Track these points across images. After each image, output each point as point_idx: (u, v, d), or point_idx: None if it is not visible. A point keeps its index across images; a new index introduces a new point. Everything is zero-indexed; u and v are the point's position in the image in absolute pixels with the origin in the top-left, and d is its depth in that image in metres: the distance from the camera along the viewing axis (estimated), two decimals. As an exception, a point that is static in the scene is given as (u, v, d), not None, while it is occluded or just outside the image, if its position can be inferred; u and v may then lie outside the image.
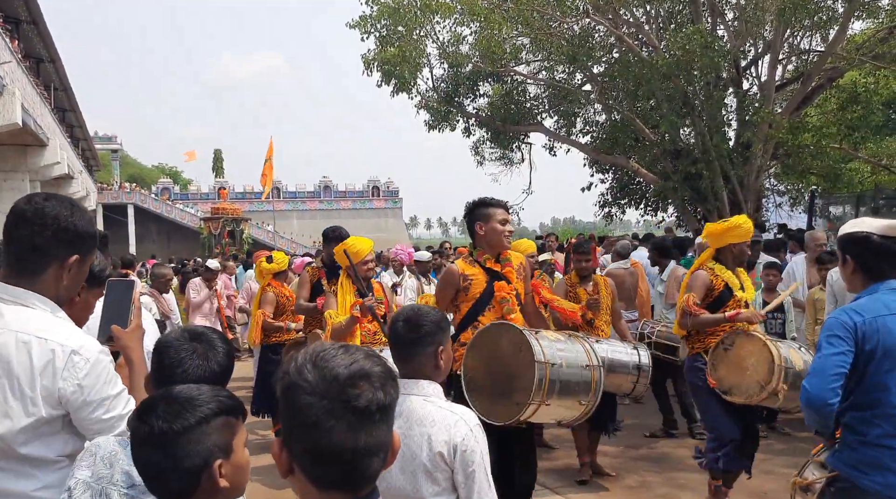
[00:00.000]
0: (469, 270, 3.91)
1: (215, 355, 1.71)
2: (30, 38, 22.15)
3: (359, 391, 1.08)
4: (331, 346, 1.15)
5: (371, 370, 1.11)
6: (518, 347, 3.36)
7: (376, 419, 1.09)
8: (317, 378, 1.08)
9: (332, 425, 1.06)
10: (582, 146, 17.52)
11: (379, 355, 1.17)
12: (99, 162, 53.07)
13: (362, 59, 15.47)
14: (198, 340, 1.71)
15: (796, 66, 15.40)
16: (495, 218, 3.86)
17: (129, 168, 67.95)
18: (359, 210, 57.23)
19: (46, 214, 1.75)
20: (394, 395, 1.12)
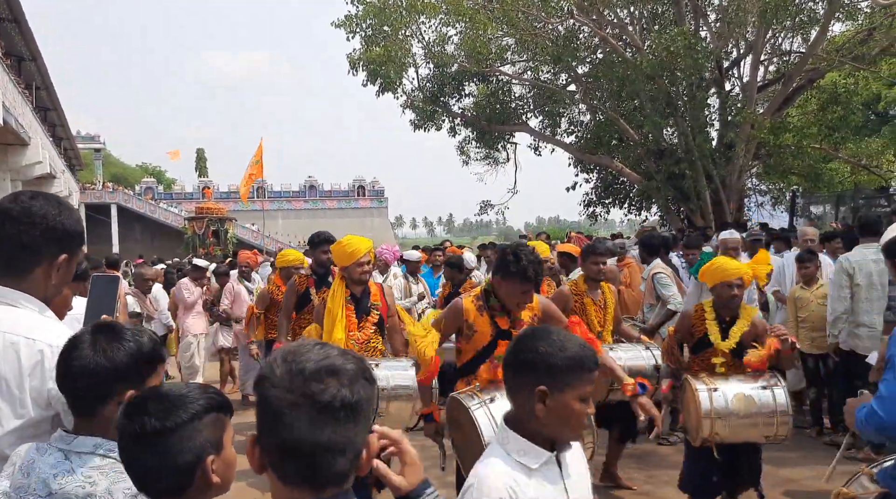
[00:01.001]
0: (476, 317, 3.54)
1: (111, 350, 1.58)
2: (11, 36, 21.90)
3: (323, 386, 1.07)
4: (310, 342, 1.15)
5: (341, 367, 1.09)
6: (470, 422, 3.09)
7: (341, 416, 1.07)
8: (283, 372, 1.08)
9: (293, 418, 1.06)
10: (567, 146, 17.62)
11: (356, 355, 1.15)
12: (81, 161, 52.51)
13: (348, 58, 15.47)
14: (102, 333, 1.62)
15: (778, 67, 15.59)
16: (516, 282, 3.42)
17: (112, 167, 67.30)
18: (344, 210, 57.06)
19: (34, 213, 1.73)
20: (363, 394, 1.10)
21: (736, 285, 3.96)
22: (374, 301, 4.43)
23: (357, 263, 4.31)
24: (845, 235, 6.44)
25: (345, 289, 4.34)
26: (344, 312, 4.28)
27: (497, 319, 3.53)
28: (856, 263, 5.52)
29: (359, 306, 4.36)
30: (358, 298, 4.36)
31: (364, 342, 4.31)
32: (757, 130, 13.35)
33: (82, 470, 1.53)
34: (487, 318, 3.53)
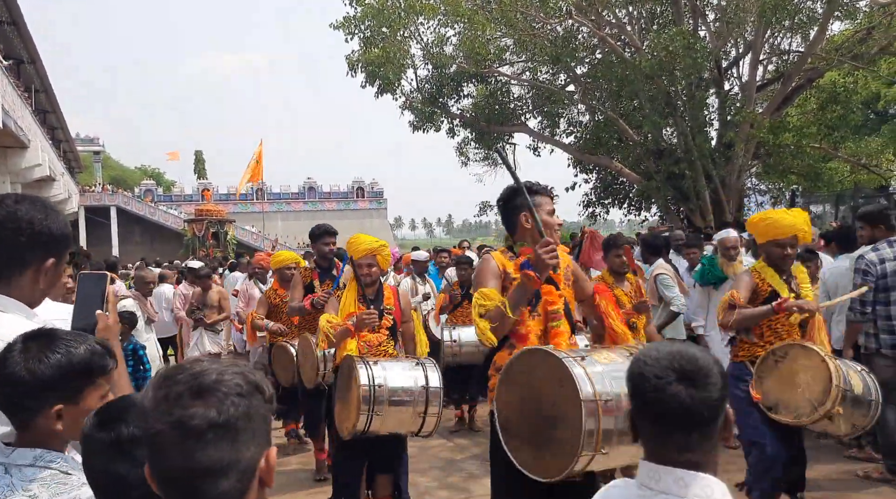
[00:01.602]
0: (511, 267, 3.08)
1: (36, 361, 1.48)
2: (10, 39, 21.90)
3: (184, 411, 1.02)
4: (191, 361, 1.10)
5: (211, 386, 1.04)
6: (558, 379, 2.51)
7: (209, 438, 1.02)
8: (151, 399, 1.05)
9: (162, 446, 1.03)
10: (566, 146, 17.63)
11: (241, 368, 1.10)
12: (81, 164, 52.49)
13: (346, 60, 15.48)
14: (34, 341, 1.52)
15: (777, 66, 15.60)
16: (543, 208, 3.09)
17: (111, 170, 67.29)
18: (343, 211, 57.03)
19: (20, 218, 1.70)
20: (235, 411, 1.04)
21: (789, 245, 3.76)
22: (387, 305, 4.28)
23: (358, 263, 4.21)
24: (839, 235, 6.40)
25: (357, 289, 4.24)
26: (357, 310, 4.17)
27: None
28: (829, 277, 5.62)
29: (372, 306, 4.21)
30: (371, 300, 4.22)
31: (376, 345, 4.16)
32: (756, 130, 13.35)
33: (23, 484, 1.45)
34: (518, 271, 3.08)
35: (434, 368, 3.89)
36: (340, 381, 4.01)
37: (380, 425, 3.70)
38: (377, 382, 3.69)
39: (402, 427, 3.82)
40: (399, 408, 3.74)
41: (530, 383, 2.64)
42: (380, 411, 3.68)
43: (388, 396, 3.71)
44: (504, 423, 2.72)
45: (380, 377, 3.72)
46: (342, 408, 3.93)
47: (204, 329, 7.88)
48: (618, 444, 2.46)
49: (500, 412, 2.74)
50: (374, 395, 3.65)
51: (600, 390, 2.45)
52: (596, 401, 2.42)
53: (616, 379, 2.49)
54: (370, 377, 3.69)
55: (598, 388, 2.45)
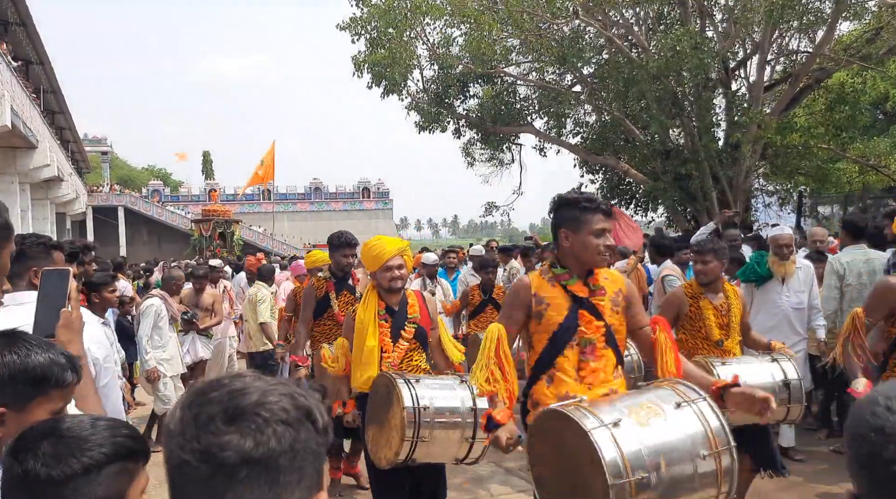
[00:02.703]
0: (546, 290, 2.80)
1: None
2: (19, 40, 22.03)
3: (216, 438, 0.84)
4: (231, 376, 0.93)
5: (252, 409, 0.86)
6: (586, 450, 2.21)
7: (242, 476, 0.83)
8: (178, 420, 0.87)
9: (184, 479, 0.86)
10: (572, 147, 17.59)
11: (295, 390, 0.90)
12: (89, 164, 52.79)
13: (352, 60, 15.49)
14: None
15: (784, 67, 15.53)
16: (590, 227, 2.74)
17: (118, 170, 67.59)
18: (349, 211, 57.12)
19: None
20: (278, 444, 0.84)
21: None
22: (412, 314, 3.81)
23: (384, 266, 3.71)
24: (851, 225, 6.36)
25: (378, 300, 3.75)
26: (376, 327, 3.70)
27: (571, 288, 2.80)
28: (846, 263, 5.52)
29: (395, 321, 3.75)
30: (394, 312, 3.75)
31: (399, 363, 3.71)
32: (764, 131, 13.29)
33: None
34: (560, 288, 2.80)
35: None
36: (373, 401, 3.55)
37: (424, 452, 3.29)
38: (422, 403, 3.25)
39: (447, 454, 3.44)
40: (446, 432, 3.34)
41: (560, 442, 2.39)
42: (426, 437, 3.25)
43: (434, 418, 3.28)
44: (537, 477, 2.53)
45: (425, 397, 3.28)
46: (378, 433, 3.48)
47: (196, 334, 7.45)
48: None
49: (532, 466, 2.53)
50: (419, 418, 3.21)
51: (633, 462, 2.16)
52: (628, 481, 2.14)
53: (657, 442, 2.23)
54: (414, 398, 3.24)
55: (630, 462, 2.16)
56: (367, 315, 3.72)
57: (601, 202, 2.83)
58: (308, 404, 0.89)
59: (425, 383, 3.40)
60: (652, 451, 2.21)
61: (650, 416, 2.32)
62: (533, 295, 2.81)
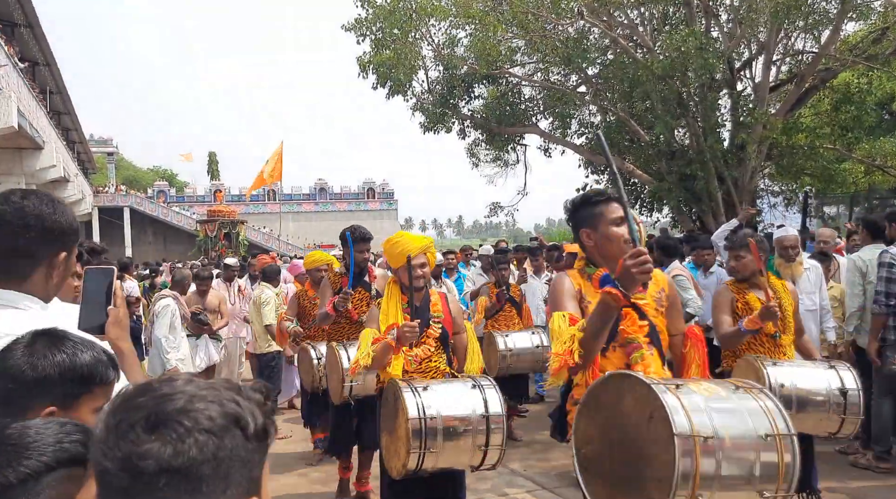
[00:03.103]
0: (586, 288, 2.68)
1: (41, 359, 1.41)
2: (26, 41, 22.13)
3: (135, 447, 0.81)
4: (165, 379, 0.90)
5: (176, 416, 0.83)
6: (648, 410, 2.14)
7: (160, 485, 0.81)
8: (103, 426, 0.85)
9: (107, 488, 0.83)
10: (577, 148, 17.59)
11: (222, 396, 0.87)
12: (95, 165, 52.98)
13: (358, 61, 15.52)
14: (41, 339, 1.45)
15: (790, 67, 15.49)
16: (607, 218, 2.65)
17: (124, 171, 67.82)
18: (354, 212, 57.19)
19: (27, 214, 1.66)
20: (199, 453, 0.81)
21: None
22: (435, 312, 3.72)
23: (415, 261, 3.62)
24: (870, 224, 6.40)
25: (401, 295, 3.68)
26: (400, 319, 3.62)
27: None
28: (868, 260, 5.56)
29: (417, 318, 3.64)
30: (417, 308, 3.66)
31: (422, 361, 3.62)
32: (769, 131, 13.26)
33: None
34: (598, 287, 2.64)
35: (493, 388, 3.37)
36: (385, 408, 3.51)
37: (434, 462, 3.20)
38: (429, 413, 3.16)
39: (461, 462, 3.33)
40: (455, 442, 3.22)
41: (614, 414, 2.28)
42: (433, 448, 3.16)
43: (442, 427, 3.19)
44: (583, 461, 2.37)
45: (431, 407, 3.19)
46: (389, 441, 3.44)
47: (208, 337, 7.35)
48: (719, 490, 2.06)
49: (578, 451, 2.38)
50: (425, 429, 3.14)
51: (699, 424, 2.07)
52: (693, 437, 2.04)
53: (720, 414, 2.15)
54: (419, 407, 3.17)
55: (695, 422, 2.07)
56: (392, 307, 3.64)
57: (612, 192, 2.71)
58: (237, 410, 0.86)
59: (434, 389, 3.27)
60: (716, 418, 2.11)
61: (710, 393, 2.24)
62: (577, 291, 2.66)
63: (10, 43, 19.24)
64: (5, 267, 1.69)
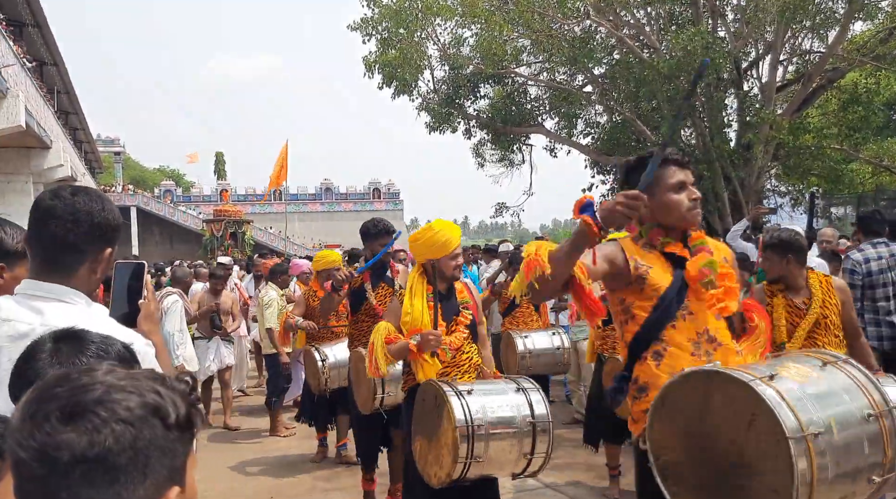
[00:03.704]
0: (642, 254, 2.40)
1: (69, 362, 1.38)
2: (34, 41, 22.24)
3: (49, 437, 0.80)
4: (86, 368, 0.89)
5: (94, 404, 0.83)
6: (746, 412, 1.85)
7: (76, 476, 0.80)
8: (19, 416, 0.84)
9: (22, 479, 0.83)
10: (583, 147, 17.57)
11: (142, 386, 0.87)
12: (102, 165, 53.22)
13: (363, 61, 15.55)
14: (64, 342, 1.43)
15: (797, 67, 15.44)
16: (665, 183, 2.37)
17: (131, 171, 68.10)
18: (360, 212, 57.21)
19: (78, 210, 1.70)
20: (111, 443, 0.81)
21: None
22: (462, 299, 3.56)
23: (451, 255, 3.44)
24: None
25: (426, 284, 3.48)
26: (426, 312, 3.39)
27: (669, 249, 2.39)
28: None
29: (447, 305, 3.48)
30: (444, 296, 3.47)
31: (456, 350, 3.41)
32: (776, 131, 13.22)
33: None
34: (657, 253, 2.40)
35: (537, 391, 3.17)
36: (421, 412, 3.27)
37: (478, 470, 2.99)
38: (476, 417, 2.95)
39: (504, 470, 3.13)
40: (502, 447, 3.02)
41: (699, 415, 1.99)
42: (480, 456, 2.94)
43: (489, 434, 2.98)
44: (664, 471, 2.08)
45: (478, 412, 2.97)
46: (426, 448, 3.18)
47: (221, 339, 7.18)
48: (835, 486, 1.84)
49: (656, 456, 2.08)
50: (472, 436, 2.92)
51: (806, 421, 1.80)
52: (804, 435, 1.77)
53: (820, 400, 1.88)
54: (467, 412, 2.95)
55: (802, 419, 1.80)
56: (417, 300, 3.43)
57: (671, 152, 2.42)
58: (157, 401, 0.86)
59: (478, 393, 3.07)
60: (818, 407, 1.87)
61: (802, 374, 1.98)
62: (630, 258, 2.36)
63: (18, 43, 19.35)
64: (53, 261, 1.72)
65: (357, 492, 5.06)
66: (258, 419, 7.53)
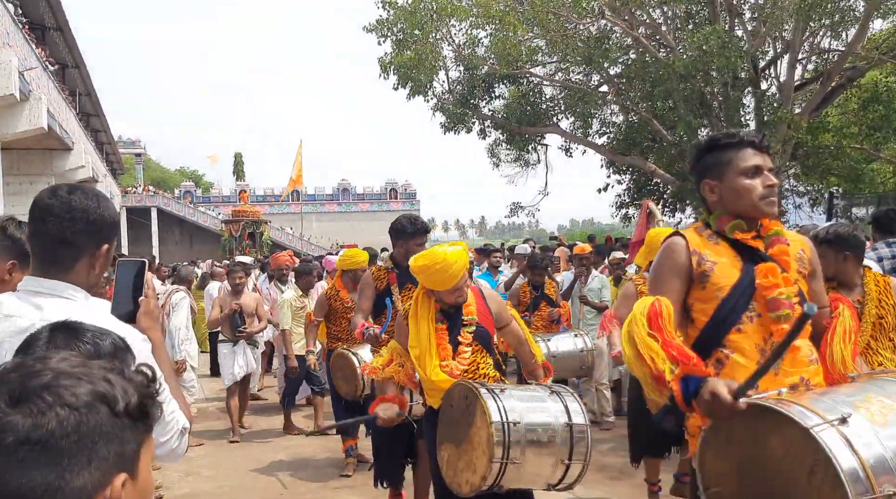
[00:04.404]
0: (708, 247, 2.15)
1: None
2: (56, 44, 22.58)
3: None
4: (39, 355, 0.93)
5: (39, 389, 0.85)
6: (804, 456, 1.65)
7: (22, 457, 0.83)
8: None
9: None
10: (598, 147, 17.51)
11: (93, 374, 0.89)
12: (123, 166, 53.85)
13: (379, 62, 15.62)
14: (60, 332, 1.46)
15: (816, 66, 15.28)
16: (737, 166, 2.13)
17: (152, 172, 68.85)
18: (376, 212, 57.42)
19: (74, 208, 1.75)
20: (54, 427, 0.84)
21: None
22: (468, 315, 3.25)
23: (450, 290, 3.14)
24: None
25: (432, 303, 3.24)
26: (433, 337, 3.17)
27: (738, 236, 2.14)
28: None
29: (452, 325, 3.22)
30: (450, 315, 3.23)
31: (462, 373, 3.15)
32: (794, 130, 13.09)
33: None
34: (725, 244, 2.15)
35: (574, 398, 2.98)
36: (447, 418, 3.05)
37: (514, 476, 2.79)
38: (511, 417, 2.76)
39: (539, 479, 2.90)
40: (539, 453, 2.83)
41: (754, 453, 1.78)
42: (517, 458, 2.74)
43: (526, 436, 2.78)
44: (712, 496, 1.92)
45: (514, 412, 2.79)
46: (454, 454, 2.97)
47: (246, 343, 6.83)
48: None
49: (706, 488, 1.91)
50: (508, 435, 2.73)
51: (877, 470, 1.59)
52: (873, 497, 1.57)
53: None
54: (502, 411, 2.76)
55: (874, 478, 1.58)
56: (422, 321, 3.20)
57: (747, 133, 2.20)
58: (106, 388, 0.88)
59: (511, 393, 2.90)
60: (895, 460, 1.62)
61: (885, 412, 1.71)
62: (692, 252, 2.14)
63: (41, 46, 19.66)
64: (52, 258, 1.77)
65: (368, 490, 5.10)
66: (271, 418, 7.60)
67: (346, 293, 5.47)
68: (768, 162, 2.16)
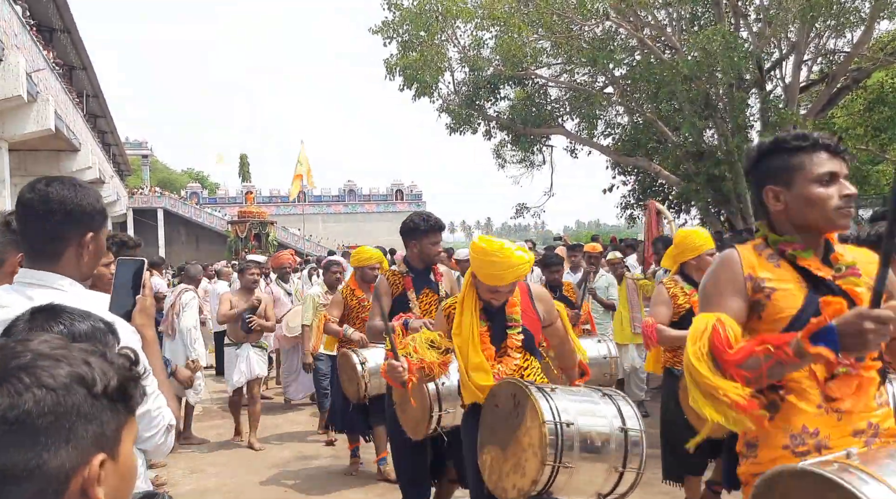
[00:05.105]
0: (766, 269, 1.91)
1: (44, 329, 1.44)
2: (63, 46, 22.70)
3: None
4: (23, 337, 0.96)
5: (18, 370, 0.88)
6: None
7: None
8: None
9: None
10: (603, 148, 17.52)
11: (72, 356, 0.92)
12: (129, 167, 54.05)
13: (385, 64, 15.67)
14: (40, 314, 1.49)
15: (821, 67, 15.25)
16: (809, 172, 1.88)
17: (158, 173, 69.08)
18: (382, 213, 57.49)
19: (51, 200, 1.78)
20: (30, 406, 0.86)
21: None
22: (511, 315, 3.06)
23: (492, 289, 2.99)
24: None
25: (477, 299, 3.05)
26: (476, 330, 3.00)
27: (804, 263, 1.90)
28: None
29: (494, 325, 3.05)
30: (493, 314, 3.06)
31: (513, 373, 2.99)
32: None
33: None
34: (788, 266, 1.91)
35: (626, 401, 2.78)
36: (492, 419, 2.87)
37: (564, 483, 2.60)
38: (565, 418, 2.58)
39: (591, 488, 2.68)
40: (592, 459, 2.63)
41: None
42: (569, 462, 2.55)
43: (579, 439, 2.59)
44: None
45: (567, 412, 2.61)
46: (500, 458, 2.77)
47: (251, 346, 6.62)
48: None
49: None
50: (561, 436, 2.54)
51: None
52: None
53: None
54: (554, 411, 2.59)
55: None
56: (466, 317, 3.01)
57: (821, 136, 1.91)
58: (85, 370, 0.91)
59: (562, 394, 2.70)
60: None
61: None
62: (747, 277, 1.90)
63: (49, 48, 19.77)
64: (38, 250, 1.82)
65: (371, 488, 5.13)
66: (275, 417, 7.64)
67: (360, 291, 5.40)
68: (844, 168, 1.91)
